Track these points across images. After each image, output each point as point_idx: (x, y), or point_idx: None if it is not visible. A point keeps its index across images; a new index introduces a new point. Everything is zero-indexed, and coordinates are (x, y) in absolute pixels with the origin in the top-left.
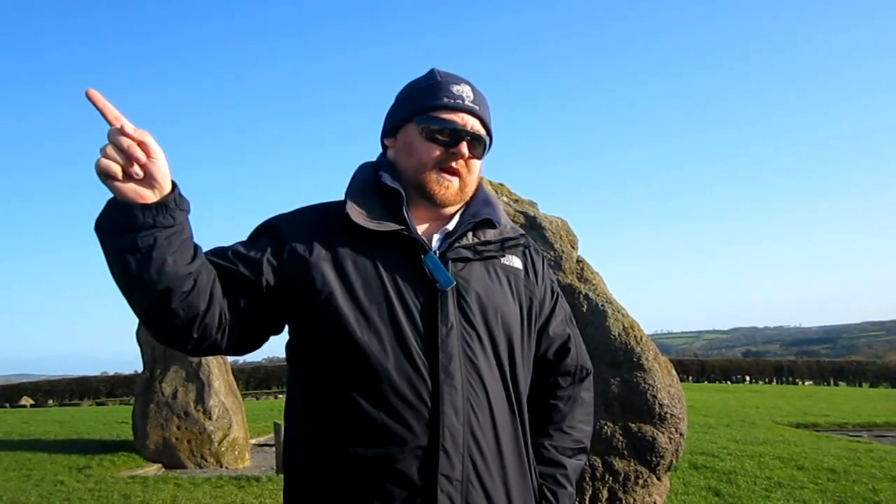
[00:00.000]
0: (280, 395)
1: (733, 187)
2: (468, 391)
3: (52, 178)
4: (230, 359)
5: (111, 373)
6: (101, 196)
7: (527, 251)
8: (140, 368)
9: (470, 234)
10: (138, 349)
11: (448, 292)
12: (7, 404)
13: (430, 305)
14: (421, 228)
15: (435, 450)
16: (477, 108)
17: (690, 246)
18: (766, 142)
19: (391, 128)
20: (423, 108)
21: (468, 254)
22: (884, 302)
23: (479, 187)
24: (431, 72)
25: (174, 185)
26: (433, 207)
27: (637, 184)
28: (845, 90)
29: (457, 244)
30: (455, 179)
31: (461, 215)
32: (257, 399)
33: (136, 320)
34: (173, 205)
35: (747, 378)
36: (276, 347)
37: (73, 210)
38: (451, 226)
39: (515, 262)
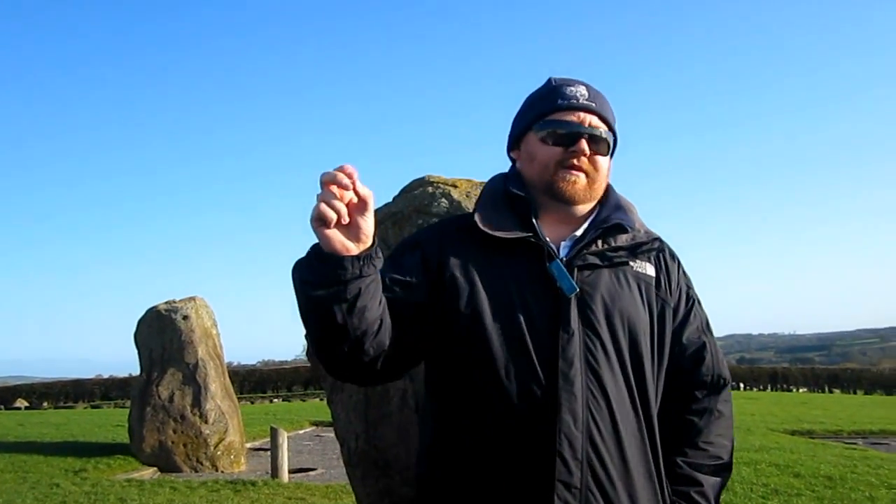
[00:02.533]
0: (275, 400)
1: (726, 191)
2: (588, 398)
3: (48, 178)
4: (225, 361)
5: (106, 375)
6: (96, 197)
7: (661, 256)
8: (135, 371)
9: (600, 240)
10: (134, 352)
11: (571, 299)
12: (1, 406)
13: (553, 312)
14: (551, 235)
15: (552, 456)
16: (593, 105)
17: (681, 251)
18: (760, 144)
19: (514, 140)
20: (539, 114)
21: (596, 260)
22: (877, 309)
23: (610, 191)
24: (548, 80)
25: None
26: (564, 210)
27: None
28: (850, 88)
29: (585, 250)
30: (581, 175)
31: (592, 220)
32: (252, 403)
33: (132, 323)
34: (374, 255)
35: (741, 385)
36: (271, 351)
37: (68, 211)
38: (580, 231)
39: (648, 268)
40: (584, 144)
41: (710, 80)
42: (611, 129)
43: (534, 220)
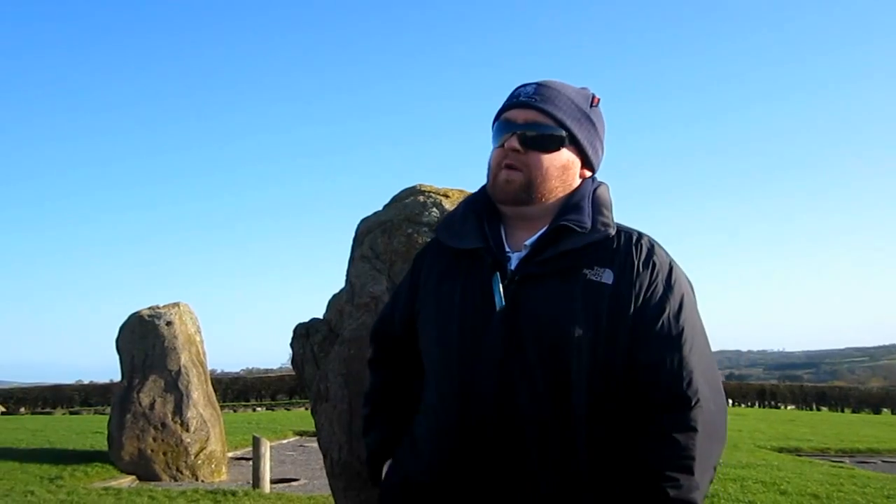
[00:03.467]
0: (258, 408)
1: (715, 203)
2: (500, 417)
3: (23, 174)
4: (208, 368)
5: (86, 381)
6: (78, 195)
7: (627, 258)
8: (116, 377)
9: (548, 246)
10: (115, 357)
11: (500, 313)
12: None
13: (482, 327)
14: (515, 243)
15: (459, 475)
16: (533, 100)
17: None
18: (751, 157)
19: None
20: (493, 121)
21: (538, 269)
22: (867, 328)
23: (576, 190)
24: None
25: None
26: (520, 214)
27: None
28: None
29: (533, 259)
30: (516, 174)
31: (550, 224)
32: (235, 411)
33: (114, 328)
34: None
35: (730, 401)
36: (255, 359)
37: (48, 209)
38: (533, 238)
39: (605, 275)
40: (513, 140)
41: (691, 93)
42: (560, 123)
43: (486, 229)
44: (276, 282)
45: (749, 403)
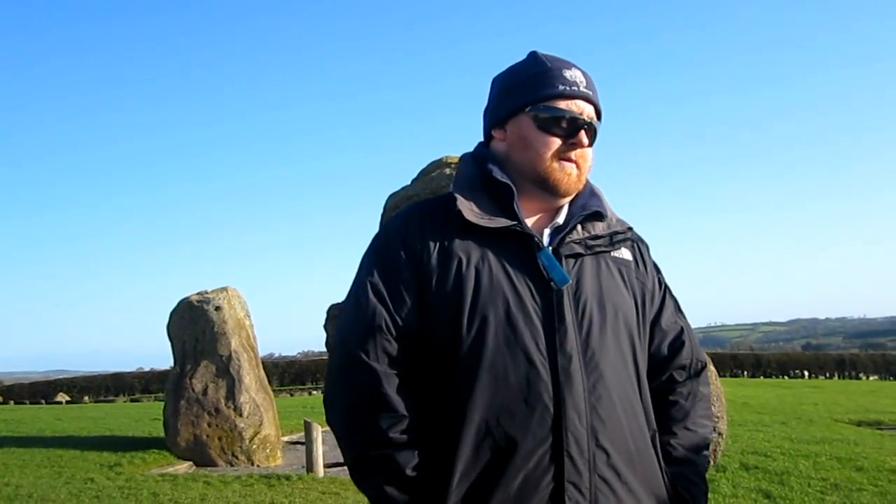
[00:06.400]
0: (315, 392)
1: (787, 168)
2: (590, 393)
3: (80, 175)
4: (263, 353)
5: (147, 368)
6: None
7: (631, 236)
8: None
9: (580, 228)
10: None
11: (564, 290)
12: (43, 401)
13: (546, 304)
14: (530, 222)
15: (560, 456)
16: (591, 93)
17: (744, 232)
18: (811, 118)
19: (499, 118)
20: (536, 97)
21: (579, 249)
22: None
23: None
24: (535, 56)
25: None
26: (547, 200)
27: (687, 167)
28: None
29: (568, 239)
30: (574, 167)
31: (570, 208)
32: (291, 395)
33: (169, 314)
34: None
35: (806, 373)
36: (311, 341)
37: (108, 204)
38: (560, 219)
39: (625, 253)
40: (583, 137)
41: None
42: (600, 117)
43: (516, 208)
44: (328, 261)
45: (827, 375)
